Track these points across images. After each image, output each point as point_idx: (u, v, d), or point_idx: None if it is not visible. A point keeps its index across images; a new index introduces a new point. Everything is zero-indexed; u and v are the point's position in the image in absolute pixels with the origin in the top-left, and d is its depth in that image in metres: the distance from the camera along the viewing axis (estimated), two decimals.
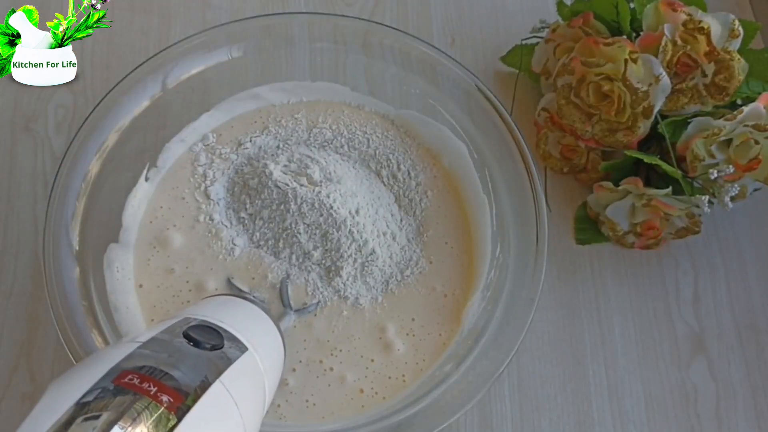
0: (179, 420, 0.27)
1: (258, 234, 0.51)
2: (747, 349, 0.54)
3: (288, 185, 0.50)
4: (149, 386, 0.28)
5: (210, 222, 0.52)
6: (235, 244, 0.51)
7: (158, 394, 0.27)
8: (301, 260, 0.51)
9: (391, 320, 0.50)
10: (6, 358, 0.50)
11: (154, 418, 0.27)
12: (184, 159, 0.54)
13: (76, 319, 0.44)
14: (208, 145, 0.54)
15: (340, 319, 0.49)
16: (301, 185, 0.50)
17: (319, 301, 0.50)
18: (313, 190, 0.50)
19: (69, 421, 0.26)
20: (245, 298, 0.42)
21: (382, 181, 0.54)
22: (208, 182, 0.53)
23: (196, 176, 0.53)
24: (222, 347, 0.33)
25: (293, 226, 0.50)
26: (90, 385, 0.27)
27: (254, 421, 0.33)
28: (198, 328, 0.34)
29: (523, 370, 0.52)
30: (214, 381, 0.30)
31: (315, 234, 0.50)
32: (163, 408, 0.27)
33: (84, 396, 0.27)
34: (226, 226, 0.52)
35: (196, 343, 0.32)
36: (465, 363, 0.45)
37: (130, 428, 0.26)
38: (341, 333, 0.49)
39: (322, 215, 0.50)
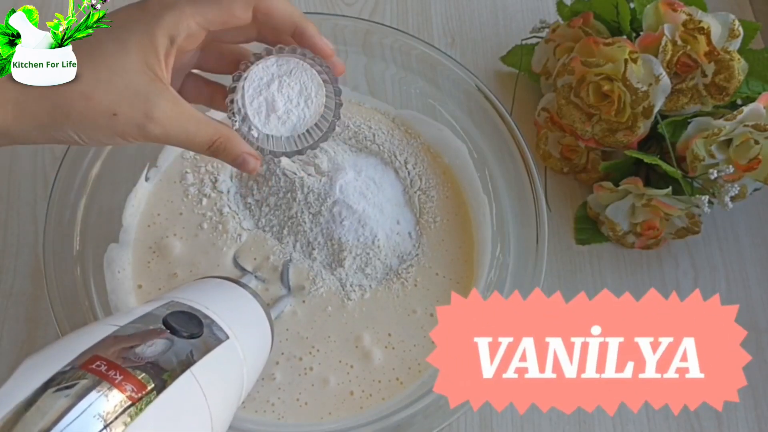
0: (140, 410, 0.27)
1: (263, 220, 0.51)
2: (747, 350, 0.54)
3: (296, 174, 0.51)
4: (115, 374, 0.28)
5: (219, 216, 0.52)
6: (243, 228, 0.51)
7: (123, 383, 0.27)
8: (304, 248, 0.51)
9: (384, 317, 0.50)
10: (6, 358, 0.50)
11: (114, 406, 0.27)
12: (177, 171, 0.53)
13: (76, 319, 0.44)
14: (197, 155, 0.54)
15: (323, 314, 0.49)
16: (309, 174, 0.51)
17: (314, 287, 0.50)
18: (321, 180, 0.50)
19: (29, 403, 0.26)
20: (238, 283, 0.42)
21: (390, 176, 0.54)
22: (207, 189, 0.53)
23: (190, 196, 0.52)
24: (200, 335, 0.33)
25: (299, 214, 0.50)
26: (59, 367, 0.27)
27: (225, 412, 0.34)
28: (179, 314, 0.34)
29: None
30: (183, 371, 0.30)
31: (320, 224, 0.50)
32: (124, 396, 0.27)
33: (52, 378, 0.27)
34: (235, 213, 0.52)
35: (174, 331, 0.32)
36: None
37: (83, 415, 0.26)
38: (319, 331, 0.49)
39: (327, 205, 0.50)
